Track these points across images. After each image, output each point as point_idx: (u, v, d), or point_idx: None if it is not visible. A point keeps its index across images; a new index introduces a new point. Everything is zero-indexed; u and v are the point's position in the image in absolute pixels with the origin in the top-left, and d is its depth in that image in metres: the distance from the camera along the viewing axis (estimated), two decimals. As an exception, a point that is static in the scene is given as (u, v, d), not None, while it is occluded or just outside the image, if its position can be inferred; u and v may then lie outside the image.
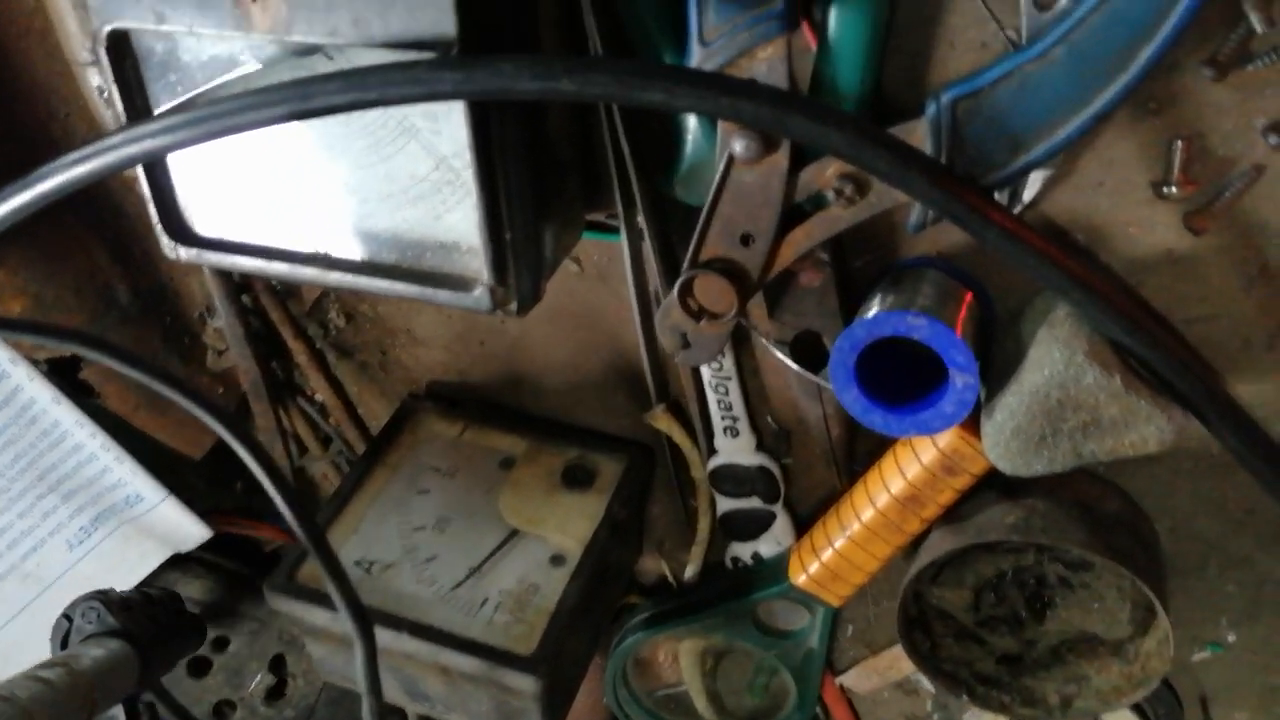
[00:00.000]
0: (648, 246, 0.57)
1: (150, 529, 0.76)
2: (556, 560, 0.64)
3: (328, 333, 0.75)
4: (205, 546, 0.84)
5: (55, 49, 0.62)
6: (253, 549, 0.88)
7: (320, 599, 0.59)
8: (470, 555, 0.64)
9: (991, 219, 0.41)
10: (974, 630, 0.62)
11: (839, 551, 0.60)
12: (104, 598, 0.66)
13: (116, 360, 0.49)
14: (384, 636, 0.58)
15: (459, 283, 0.50)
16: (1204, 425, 0.45)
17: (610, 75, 0.39)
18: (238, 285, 0.71)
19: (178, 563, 0.84)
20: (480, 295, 0.49)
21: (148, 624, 0.66)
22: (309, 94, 0.41)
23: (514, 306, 0.50)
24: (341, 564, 0.54)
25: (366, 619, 0.54)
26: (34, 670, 0.58)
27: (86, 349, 0.49)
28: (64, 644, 0.66)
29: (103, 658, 0.62)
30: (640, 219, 0.55)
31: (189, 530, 0.76)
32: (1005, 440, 0.49)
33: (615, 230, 0.58)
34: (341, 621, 0.54)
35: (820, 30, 0.46)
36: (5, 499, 0.73)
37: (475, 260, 0.49)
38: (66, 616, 0.67)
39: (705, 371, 0.62)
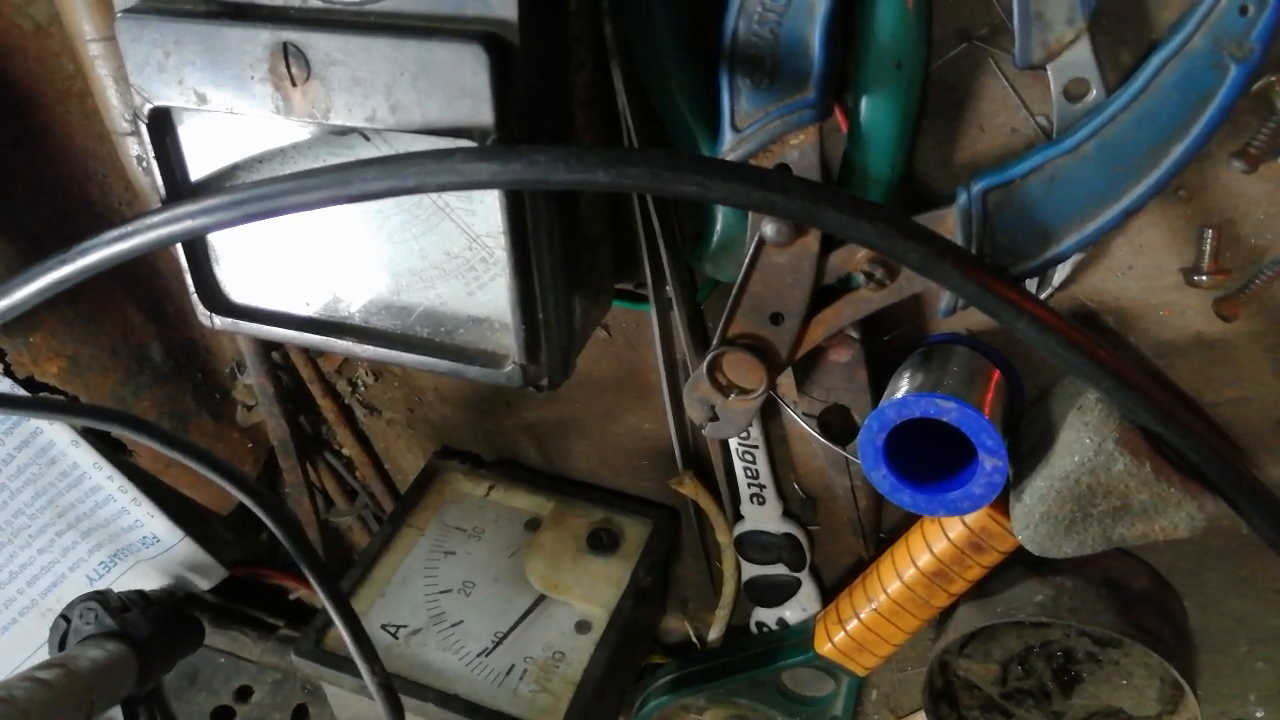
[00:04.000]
0: (676, 317, 0.57)
1: (167, 568, 0.77)
2: (582, 627, 0.64)
3: (356, 389, 0.75)
4: (230, 595, 0.85)
5: (94, 113, 0.63)
6: (278, 598, 0.88)
7: (348, 666, 0.59)
8: (497, 621, 0.64)
9: (1023, 309, 0.41)
10: (1001, 703, 0.61)
11: (864, 623, 0.60)
12: (102, 599, 0.66)
13: (154, 440, 0.50)
14: (410, 704, 0.58)
15: (490, 359, 0.50)
16: (1235, 511, 0.45)
17: (644, 168, 0.39)
18: (268, 343, 0.72)
19: (203, 610, 0.85)
20: (512, 372, 0.49)
21: (146, 625, 0.67)
22: (347, 180, 0.42)
23: (545, 383, 0.50)
24: (370, 640, 0.54)
25: (396, 699, 0.54)
26: (32, 671, 0.58)
27: (124, 429, 0.50)
28: (62, 645, 0.67)
29: (101, 659, 0.62)
30: (669, 290, 0.56)
31: (206, 570, 0.77)
32: (1035, 523, 0.49)
33: (645, 300, 0.58)
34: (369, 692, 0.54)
35: (852, 115, 0.47)
36: (26, 535, 0.74)
37: (507, 337, 0.49)
38: (64, 618, 0.67)
39: (732, 440, 0.62)
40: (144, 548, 0.76)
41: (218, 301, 0.55)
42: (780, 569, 0.67)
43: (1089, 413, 0.47)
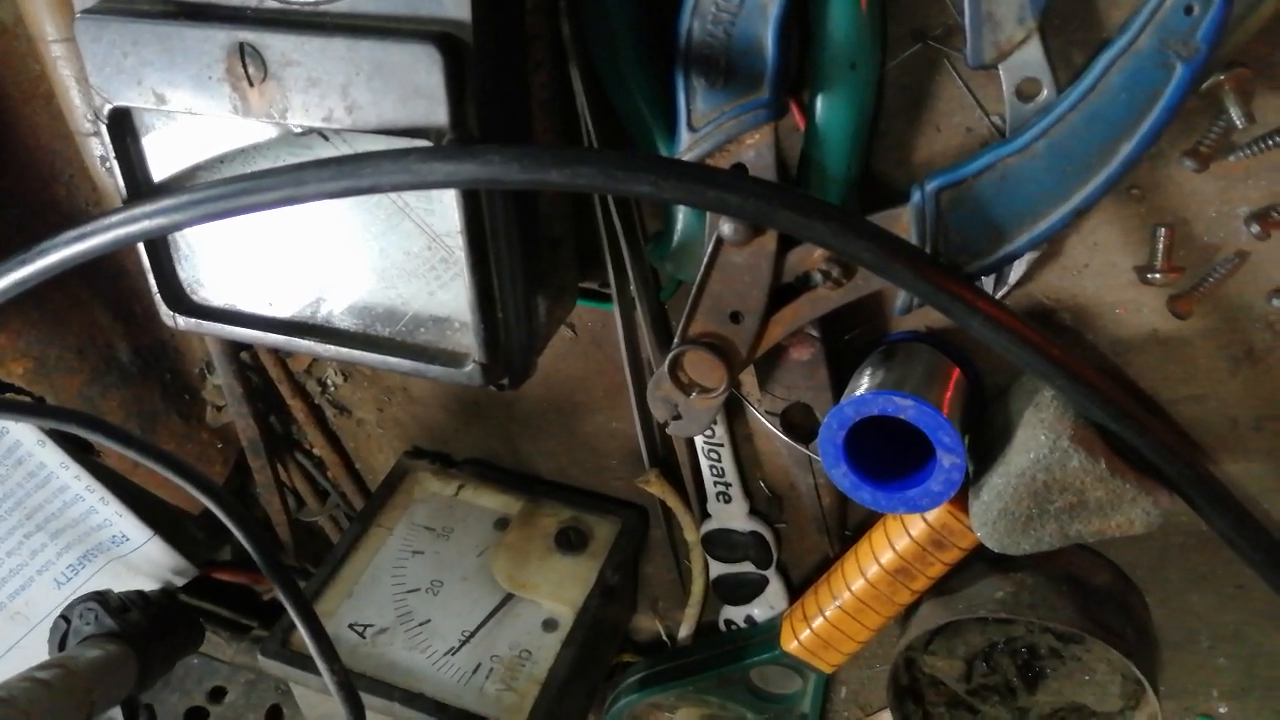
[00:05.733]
0: (640, 316, 0.57)
1: (137, 567, 0.77)
2: (549, 625, 0.64)
3: (325, 390, 0.75)
4: (203, 596, 0.85)
5: (59, 114, 0.63)
6: (251, 598, 0.88)
7: (313, 665, 0.59)
8: (464, 620, 0.65)
9: (976, 307, 0.41)
10: (966, 699, 0.62)
11: (830, 620, 0.60)
12: (102, 599, 0.66)
13: (114, 441, 0.50)
14: (376, 703, 0.58)
15: (451, 358, 0.50)
16: (1190, 507, 0.45)
17: (597, 167, 0.39)
18: (236, 343, 0.72)
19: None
20: (472, 371, 0.49)
21: (146, 625, 0.66)
22: (303, 180, 0.42)
23: (506, 382, 0.51)
24: (330, 639, 0.54)
25: (356, 698, 0.54)
26: (31, 671, 0.58)
27: (85, 430, 0.50)
28: (62, 645, 0.67)
29: (100, 659, 0.62)
30: (633, 290, 0.56)
31: (176, 569, 0.77)
32: (993, 520, 0.49)
33: (609, 299, 0.58)
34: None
35: (808, 114, 0.47)
36: (-6, 537, 0.74)
37: (468, 337, 0.49)
38: (64, 618, 0.67)
39: (698, 438, 0.63)
40: (114, 546, 0.76)
41: (181, 302, 0.55)
42: (747, 567, 0.67)
43: (1044, 410, 0.48)
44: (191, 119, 0.49)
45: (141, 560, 0.77)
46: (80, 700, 0.58)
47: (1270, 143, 0.42)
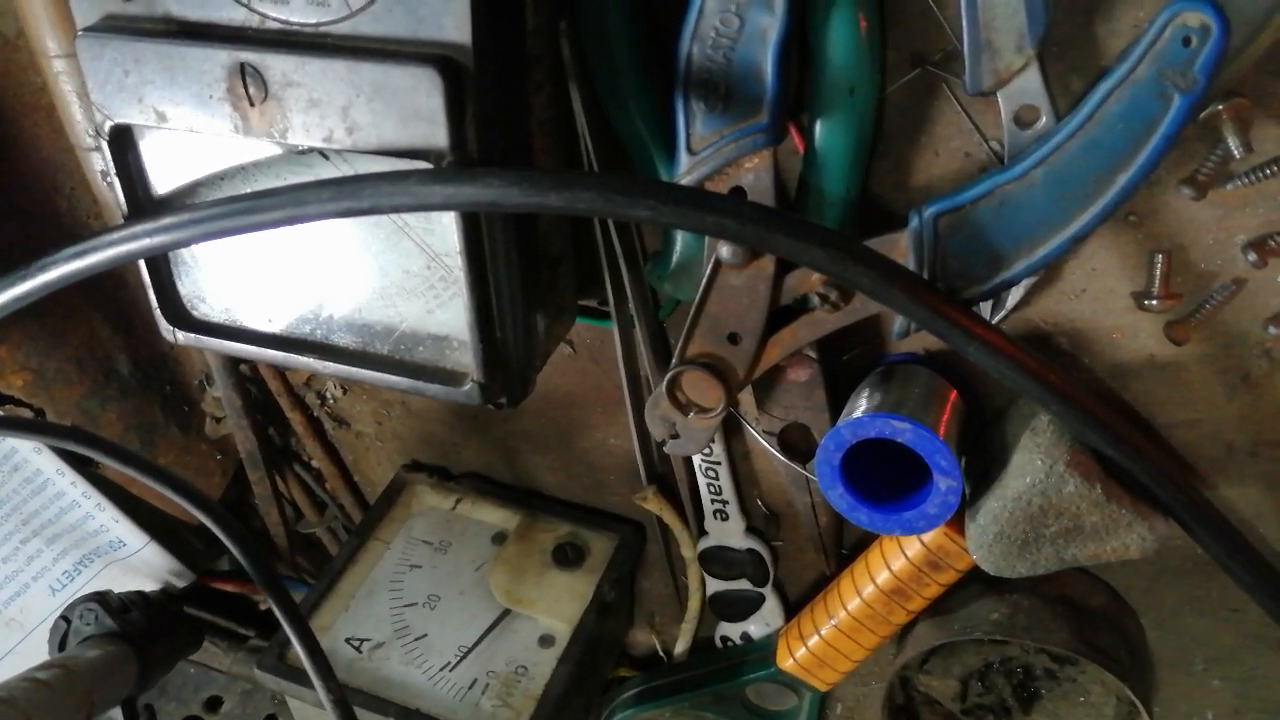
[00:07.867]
0: (639, 334, 0.57)
1: (134, 572, 0.77)
2: (545, 641, 0.64)
3: (324, 402, 0.76)
4: (200, 605, 0.85)
5: (61, 127, 0.63)
6: (248, 608, 0.88)
7: (309, 680, 0.59)
8: (461, 635, 0.65)
9: (973, 333, 0.42)
10: (961, 719, 0.62)
11: (825, 639, 0.61)
12: (102, 599, 0.66)
13: (111, 458, 0.50)
14: (371, 719, 0.58)
15: (450, 377, 0.51)
16: (1186, 532, 0.46)
17: (597, 191, 0.39)
18: (236, 356, 0.72)
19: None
20: (471, 390, 0.50)
21: (146, 625, 0.67)
22: (303, 200, 0.42)
23: (504, 401, 0.51)
24: (325, 656, 0.54)
25: (352, 715, 0.54)
26: (31, 672, 0.58)
27: (82, 447, 0.50)
28: (62, 645, 0.67)
29: (100, 659, 0.62)
30: (631, 308, 0.56)
31: (173, 574, 0.77)
32: (989, 543, 0.49)
33: (608, 317, 0.58)
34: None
35: (807, 137, 0.47)
36: (-11, 544, 0.74)
37: (466, 356, 0.50)
38: (65, 618, 0.67)
39: (696, 456, 0.63)
40: (111, 551, 0.76)
41: (180, 317, 0.55)
42: (744, 584, 0.67)
43: (1041, 435, 0.48)
44: (193, 136, 0.49)
45: (139, 565, 0.77)
46: (80, 700, 0.59)
47: (1268, 171, 0.42)
